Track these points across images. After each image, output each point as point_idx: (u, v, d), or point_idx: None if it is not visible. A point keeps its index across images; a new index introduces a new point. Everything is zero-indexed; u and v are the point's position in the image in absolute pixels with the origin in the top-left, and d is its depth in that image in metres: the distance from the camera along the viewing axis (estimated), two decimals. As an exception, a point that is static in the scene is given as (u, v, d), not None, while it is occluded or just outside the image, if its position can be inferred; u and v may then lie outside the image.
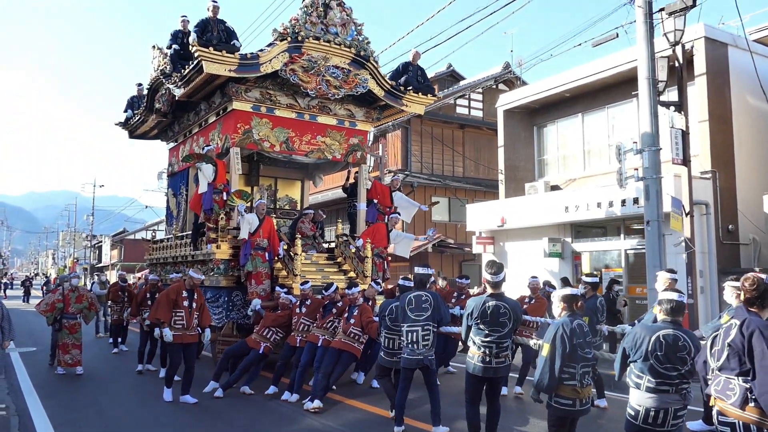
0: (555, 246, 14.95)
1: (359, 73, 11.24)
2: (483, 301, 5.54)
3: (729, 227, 12.93)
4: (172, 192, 14.16)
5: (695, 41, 12.65)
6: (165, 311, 8.00)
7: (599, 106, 15.62)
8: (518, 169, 17.62)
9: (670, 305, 4.27)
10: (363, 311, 7.94)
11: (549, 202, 14.81)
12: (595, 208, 13.38)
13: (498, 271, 5.57)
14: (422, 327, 6.22)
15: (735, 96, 13.33)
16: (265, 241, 10.25)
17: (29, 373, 10.09)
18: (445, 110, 22.34)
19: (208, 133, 11.89)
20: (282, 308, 9.02)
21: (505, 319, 5.48)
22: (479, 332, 5.52)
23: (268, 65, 10.31)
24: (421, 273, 6.57)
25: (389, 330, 6.86)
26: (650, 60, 9.91)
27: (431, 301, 6.33)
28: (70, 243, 62.80)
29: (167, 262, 12.88)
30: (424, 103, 12.46)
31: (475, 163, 23.43)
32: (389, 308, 6.88)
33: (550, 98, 16.56)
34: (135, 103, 14.72)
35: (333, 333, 8.15)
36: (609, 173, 13.82)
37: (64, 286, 10.52)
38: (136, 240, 49.55)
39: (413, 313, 6.25)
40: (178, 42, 12.14)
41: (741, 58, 13.24)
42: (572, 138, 16.60)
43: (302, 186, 14.38)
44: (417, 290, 6.46)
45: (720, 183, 12.81)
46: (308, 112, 11.53)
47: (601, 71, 14.71)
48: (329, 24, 10.86)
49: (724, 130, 13.12)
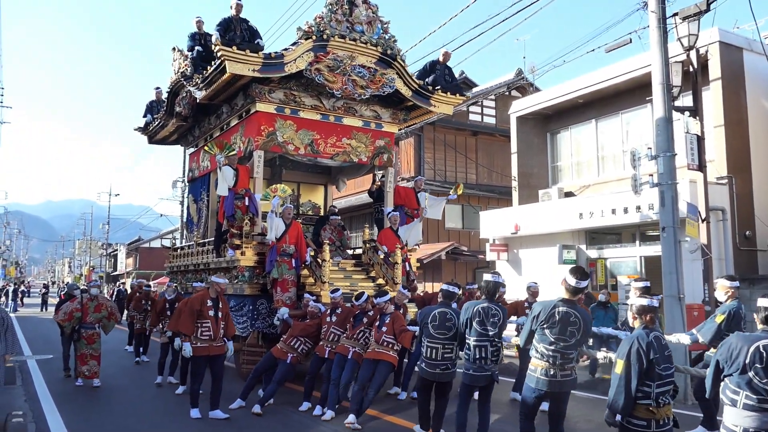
0: (569, 253, 14.84)
1: (386, 72, 10.89)
2: (553, 305, 5.06)
3: (746, 233, 12.77)
4: (193, 198, 13.89)
5: (710, 45, 12.54)
6: (188, 323, 7.51)
7: (613, 112, 15.52)
8: (532, 176, 17.52)
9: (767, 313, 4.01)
10: (395, 319, 7.51)
11: (563, 208, 14.71)
12: (610, 214, 13.27)
13: (582, 278, 5.09)
14: (491, 342, 5.82)
15: (751, 100, 13.19)
16: (291, 247, 9.88)
17: (46, 381, 10.09)
18: (457, 117, 22.30)
19: (229, 136, 11.64)
20: (311, 317, 8.61)
21: (574, 328, 5.01)
22: (543, 339, 5.05)
23: (292, 65, 9.99)
24: (490, 282, 6.08)
25: (432, 339, 6.25)
26: (664, 65, 9.82)
27: (500, 315, 5.91)
28: (86, 251, 63.44)
29: (188, 270, 12.61)
30: (453, 104, 12.02)
31: (488, 170, 23.35)
32: (431, 315, 6.31)
33: (563, 104, 16.47)
34: (154, 108, 14.45)
35: (364, 345, 7.75)
36: (623, 179, 13.72)
37: (83, 296, 10.24)
38: (152, 248, 49.93)
39: (481, 327, 5.81)
40: (197, 43, 11.85)
41: (756, 62, 13.11)
42: (586, 144, 16.49)
43: (325, 190, 14.11)
44: (486, 301, 5.96)
45: (736, 188, 12.65)
46: (333, 113, 11.20)
47: (615, 77, 14.62)
48: (355, 22, 10.54)
49: (740, 135, 12.98)
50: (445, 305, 6.36)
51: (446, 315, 6.20)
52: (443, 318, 6.18)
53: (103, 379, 9.97)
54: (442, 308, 6.29)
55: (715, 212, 12.02)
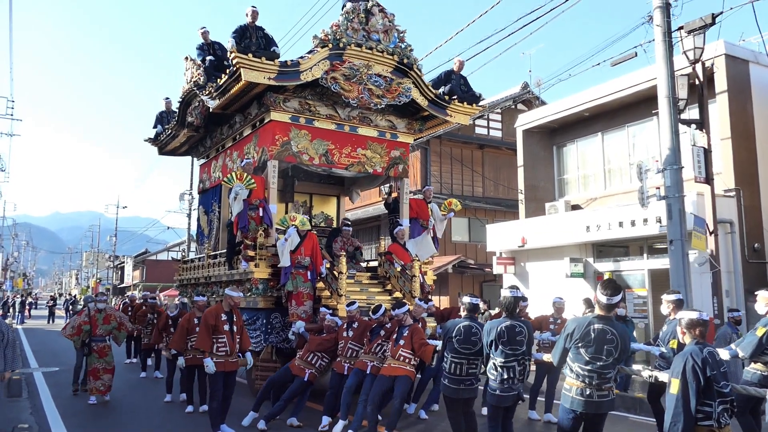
0: (576, 266, 14.79)
1: (402, 81, 10.70)
2: (587, 322, 4.79)
3: (755, 246, 12.69)
4: (204, 209, 13.70)
5: (715, 58, 12.52)
6: (205, 339, 7.25)
7: (619, 125, 15.50)
8: (538, 189, 17.50)
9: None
10: (414, 332, 7.17)
11: (570, 221, 14.67)
12: (617, 227, 13.22)
13: (614, 293, 4.81)
14: (519, 361, 5.50)
15: (758, 113, 13.15)
16: (307, 259, 9.57)
17: (52, 394, 10.00)
18: (464, 130, 22.32)
19: (242, 146, 11.47)
20: (327, 331, 8.30)
21: (611, 347, 4.71)
22: (578, 358, 4.77)
23: (308, 73, 9.81)
24: (509, 297, 5.70)
25: (457, 354, 5.96)
26: (670, 78, 9.83)
27: (526, 332, 5.58)
28: (93, 263, 63.58)
29: (198, 283, 12.41)
30: (470, 113, 11.84)
31: (494, 183, 23.33)
32: (456, 329, 6.01)
33: (569, 118, 16.46)
34: (164, 118, 14.30)
35: (382, 358, 7.41)
36: (630, 192, 13.67)
37: (90, 307, 10.02)
38: (158, 260, 50.05)
39: (507, 347, 5.48)
40: (207, 53, 11.72)
41: (763, 74, 13.09)
42: (592, 157, 16.46)
43: (338, 202, 13.87)
44: (508, 319, 5.61)
45: (744, 201, 12.58)
46: (348, 123, 10.99)
47: (621, 90, 14.61)
48: (371, 30, 10.39)
49: (747, 148, 12.93)
50: (469, 318, 6.10)
51: (471, 329, 5.95)
52: (468, 332, 5.93)
53: (112, 394, 9.69)
54: (467, 322, 6.03)
55: (723, 225, 11.96)
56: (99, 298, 10.46)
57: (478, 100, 11.97)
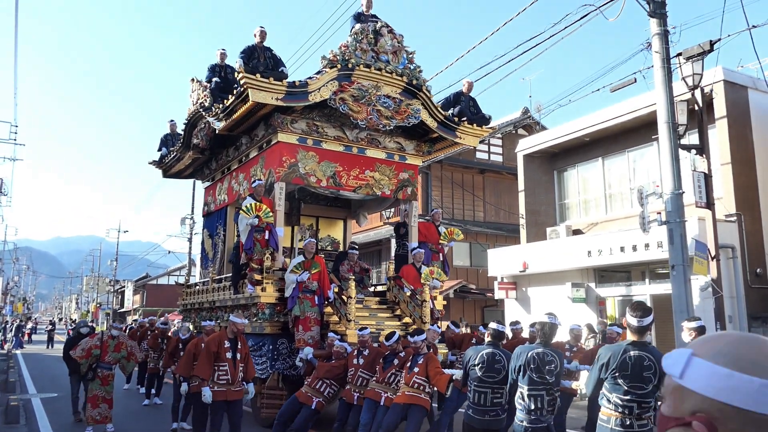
0: (578, 291, 14.73)
1: (411, 103, 10.52)
2: (622, 350, 4.54)
3: (757, 271, 12.64)
4: (208, 233, 13.47)
5: (714, 84, 12.60)
6: (205, 367, 7.01)
7: (619, 150, 15.55)
8: (539, 214, 17.49)
9: None
10: (429, 360, 6.89)
11: (571, 246, 14.63)
12: (618, 252, 13.19)
13: (644, 315, 4.56)
14: (547, 391, 5.24)
15: (757, 138, 13.18)
16: (314, 283, 9.25)
17: (50, 421, 9.82)
18: (465, 155, 22.39)
19: (249, 168, 11.26)
20: (336, 357, 8.02)
21: (649, 373, 4.46)
22: (616, 388, 4.52)
23: (316, 94, 9.63)
24: (546, 324, 5.46)
25: (480, 383, 5.69)
26: (669, 104, 9.87)
27: (557, 362, 5.31)
28: (93, 288, 63.43)
29: (203, 308, 12.10)
30: (479, 135, 11.64)
31: (495, 207, 23.33)
32: (479, 356, 5.76)
33: (569, 143, 16.51)
34: (169, 141, 14.16)
35: (396, 389, 7.08)
36: (631, 217, 13.68)
37: (103, 333, 9.68)
38: (159, 285, 49.92)
39: (537, 375, 5.22)
40: (216, 75, 11.65)
41: (762, 100, 13.14)
42: (593, 182, 16.49)
43: (345, 225, 13.61)
44: (541, 346, 5.36)
45: (746, 226, 12.57)
46: (356, 145, 10.79)
47: (621, 115, 14.67)
48: (380, 51, 10.26)
49: (748, 173, 12.95)
50: (493, 345, 5.86)
51: (495, 356, 5.71)
52: (492, 360, 5.69)
53: (114, 423, 9.28)
54: (490, 349, 5.78)
55: (725, 250, 11.92)
56: (115, 325, 10.20)
57: (487, 121, 11.79)
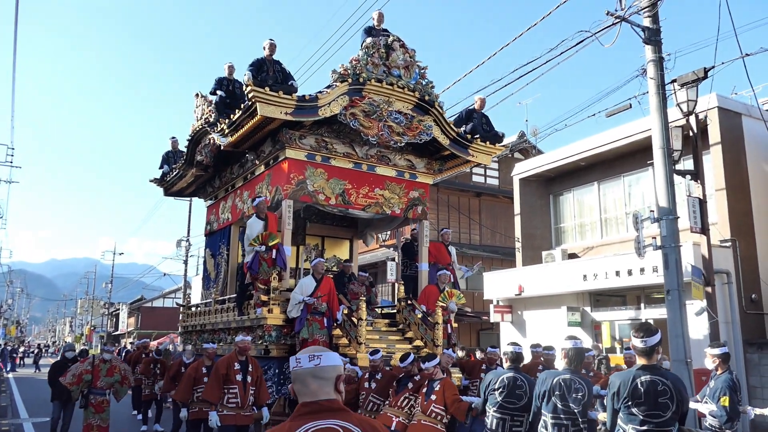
0: (574, 315, 14.68)
1: (423, 119, 10.19)
2: (632, 376, 4.20)
3: (752, 297, 12.63)
4: (211, 252, 13.05)
5: (708, 111, 12.68)
6: (215, 390, 6.72)
7: (615, 175, 15.60)
8: (535, 237, 17.47)
9: None
10: (446, 387, 6.57)
11: (566, 270, 14.61)
12: (614, 276, 13.18)
13: (648, 334, 4.21)
14: (573, 421, 4.89)
15: (751, 165, 13.24)
16: (324, 305, 8.89)
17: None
18: (461, 178, 22.46)
19: (254, 186, 10.93)
20: (347, 381, 7.44)
21: (665, 399, 4.10)
22: (631, 418, 4.15)
23: (326, 108, 9.28)
24: (571, 349, 5.11)
25: (500, 409, 5.39)
26: (664, 130, 9.94)
27: (585, 390, 4.92)
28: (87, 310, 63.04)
29: (205, 330, 11.68)
30: (492, 153, 11.34)
31: (491, 231, 23.33)
32: (499, 380, 5.47)
33: (565, 167, 16.56)
34: (171, 158, 13.81)
35: (409, 414, 6.78)
36: (627, 241, 13.69)
37: (95, 356, 9.29)
38: (153, 308, 49.65)
39: (562, 403, 4.87)
40: (223, 89, 11.36)
41: (755, 127, 13.21)
42: (589, 206, 16.52)
43: (351, 245, 13.18)
44: (568, 372, 5.01)
45: (740, 251, 12.57)
46: (366, 162, 10.46)
47: (616, 140, 14.75)
48: (392, 66, 9.94)
49: (742, 199, 13.00)
50: (514, 370, 5.55)
51: (516, 381, 5.42)
52: (513, 384, 5.40)
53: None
54: (511, 373, 5.48)
55: (719, 275, 11.90)
56: (106, 348, 9.71)
57: (500, 139, 11.47)
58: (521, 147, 23.66)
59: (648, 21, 9.77)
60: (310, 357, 2.25)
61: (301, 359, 2.25)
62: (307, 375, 2.22)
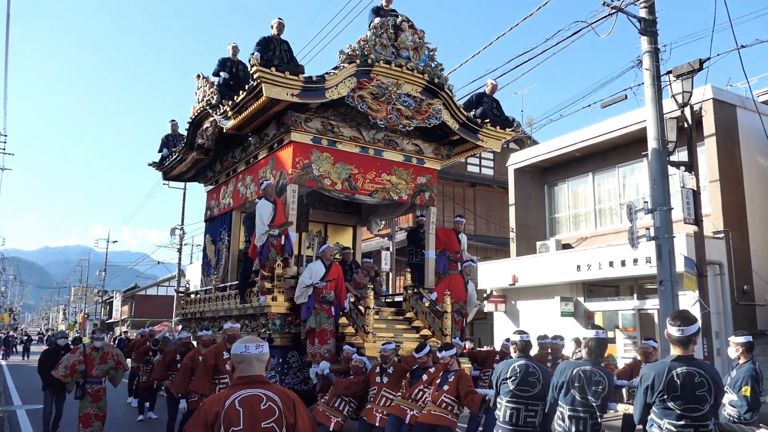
0: (567, 305, 14.75)
1: (432, 102, 9.85)
2: (667, 368, 3.90)
3: (744, 288, 12.71)
4: (211, 238, 12.65)
5: (704, 103, 12.70)
6: (203, 381, 6.48)
7: (610, 166, 15.63)
8: (529, 228, 17.51)
9: None
10: (461, 379, 6.30)
11: (560, 260, 14.65)
12: (607, 267, 13.23)
13: (686, 323, 3.94)
14: (591, 414, 4.62)
15: (745, 156, 13.28)
16: (332, 293, 8.51)
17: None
18: (456, 168, 22.44)
19: (257, 170, 10.53)
20: (355, 372, 7.35)
21: (703, 391, 3.83)
22: (666, 413, 3.87)
23: (334, 90, 8.94)
24: (593, 339, 4.84)
25: (513, 398, 5.14)
26: (659, 121, 9.93)
27: (605, 383, 4.65)
28: (81, 298, 62.97)
29: (204, 317, 11.32)
30: (502, 138, 10.96)
31: (486, 221, 23.38)
32: (510, 368, 5.23)
33: (560, 157, 16.57)
34: (170, 142, 13.45)
35: (423, 408, 6.48)
36: (621, 232, 13.74)
37: (86, 345, 8.89)
38: (147, 296, 49.64)
39: (580, 395, 4.62)
40: (226, 70, 11.00)
41: (750, 119, 13.23)
42: (583, 197, 16.54)
43: (354, 232, 12.84)
44: (589, 364, 4.75)
45: (733, 243, 12.63)
46: (373, 146, 10.10)
47: (611, 131, 14.77)
48: (400, 47, 9.63)
49: (736, 190, 13.05)
50: (525, 357, 5.35)
51: (528, 368, 5.19)
52: (525, 372, 5.16)
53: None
54: (523, 361, 5.27)
55: (712, 266, 11.96)
56: (96, 335, 9.20)
57: (511, 124, 11.17)
58: (517, 137, 23.67)
59: (644, 12, 9.73)
60: (255, 345, 3.03)
61: (249, 347, 3.02)
62: (253, 358, 3.01)
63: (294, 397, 3.03)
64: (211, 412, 2.86)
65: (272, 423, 2.87)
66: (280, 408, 2.92)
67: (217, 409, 2.86)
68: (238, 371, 3.03)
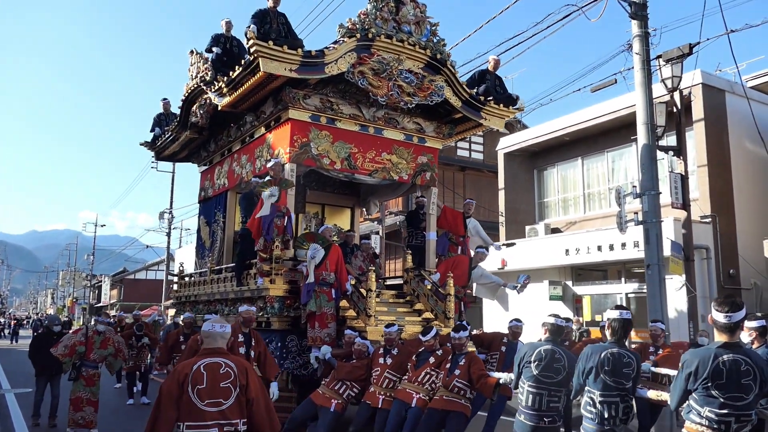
0: (556, 289, 14.85)
1: (434, 79, 9.51)
2: (713, 355, 3.76)
3: (730, 272, 12.82)
4: (205, 220, 12.33)
5: (693, 87, 12.69)
6: None
7: (599, 150, 15.66)
8: (519, 212, 17.54)
9: None
10: (472, 362, 6.11)
11: (549, 244, 14.71)
12: (596, 251, 13.30)
13: (733, 309, 3.79)
14: (622, 398, 4.46)
15: (733, 141, 13.32)
16: (332, 275, 8.27)
17: (24, 416, 9.30)
18: (445, 152, 22.32)
19: (253, 149, 10.18)
20: (358, 357, 7.20)
21: (749, 380, 3.70)
22: (709, 401, 3.75)
23: (333, 66, 8.59)
24: (617, 320, 4.65)
25: (536, 383, 4.94)
26: (648, 105, 9.93)
27: (635, 365, 4.54)
28: (69, 282, 62.68)
29: (199, 301, 11.02)
30: (505, 116, 10.67)
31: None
32: (536, 352, 5.00)
33: (550, 142, 16.57)
34: (162, 121, 13.01)
35: (430, 391, 6.35)
36: (609, 216, 13.80)
37: (88, 327, 8.80)
38: (136, 280, 49.51)
39: (611, 378, 4.45)
40: (220, 46, 10.64)
41: (739, 104, 13.24)
42: (572, 181, 16.58)
43: (352, 214, 12.52)
44: (615, 346, 4.57)
45: (720, 227, 12.72)
46: (373, 124, 9.73)
47: (601, 116, 14.77)
48: (402, 21, 9.27)
49: (723, 175, 13.10)
50: (552, 342, 5.13)
51: (555, 354, 4.96)
52: (551, 357, 4.95)
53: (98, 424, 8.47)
54: (549, 345, 5.05)
55: (699, 251, 12.02)
56: (101, 319, 9.07)
57: (514, 101, 10.86)
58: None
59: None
60: (220, 326, 3.99)
61: (215, 326, 3.96)
62: (217, 335, 3.95)
63: (247, 365, 3.95)
64: (182, 373, 3.70)
65: (228, 384, 3.73)
66: (236, 372, 3.77)
67: (187, 371, 3.70)
68: (205, 344, 3.93)
